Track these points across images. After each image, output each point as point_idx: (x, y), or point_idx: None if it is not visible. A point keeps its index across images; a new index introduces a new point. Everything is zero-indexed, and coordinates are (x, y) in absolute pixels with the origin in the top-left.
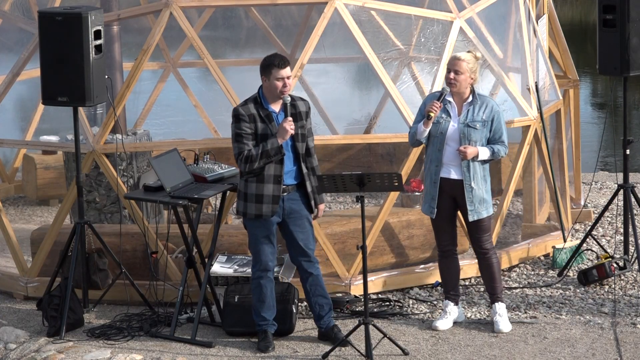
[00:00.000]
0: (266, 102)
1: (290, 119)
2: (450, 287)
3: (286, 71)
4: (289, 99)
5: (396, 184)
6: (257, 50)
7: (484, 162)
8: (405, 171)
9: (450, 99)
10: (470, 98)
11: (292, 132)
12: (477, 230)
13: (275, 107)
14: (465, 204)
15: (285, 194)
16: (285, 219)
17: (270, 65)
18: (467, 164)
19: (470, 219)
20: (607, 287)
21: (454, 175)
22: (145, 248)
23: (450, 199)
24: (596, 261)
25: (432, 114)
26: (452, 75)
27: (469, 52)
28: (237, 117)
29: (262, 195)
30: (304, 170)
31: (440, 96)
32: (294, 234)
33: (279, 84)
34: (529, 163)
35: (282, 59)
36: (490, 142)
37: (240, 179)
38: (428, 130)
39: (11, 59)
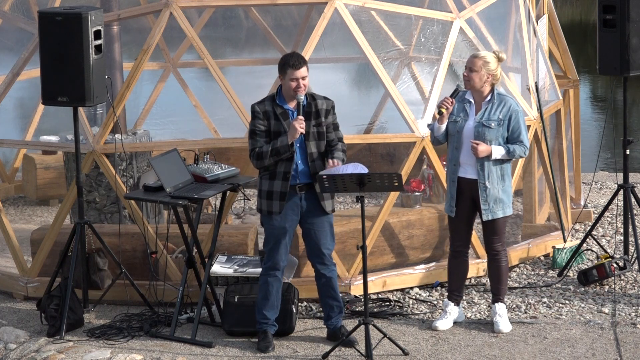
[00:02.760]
0: (282, 100)
1: (301, 118)
2: (455, 288)
3: (301, 72)
4: (302, 98)
5: (396, 184)
6: (257, 50)
7: (500, 161)
8: (405, 171)
9: (471, 98)
10: (489, 97)
11: (302, 131)
12: (490, 231)
13: (292, 104)
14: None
15: (302, 192)
16: (303, 217)
17: (286, 65)
18: (481, 163)
19: (485, 218)
20: (607, 287)
21: (470, 174)
22: (145, 248)
23: (469, 200)
24: (596, 261)
25: (442, 110)
26: (466, 72)
27: (493, 52)
28: (252, 113)
29: (272, 192)
30: (313, 170)
31: (453, 93)
32: (310, 232)
33: (293, 84)
34: (529, 163)
35: (297, 60)
36: (509, 141)
37: (258, 175)
38: (444, 127)
39: (11, 59)
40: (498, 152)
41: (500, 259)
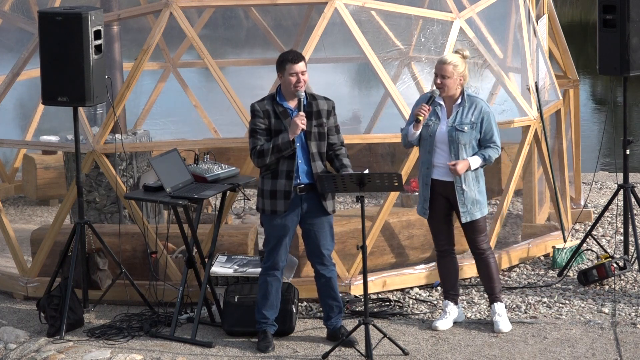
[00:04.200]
0: (282, 99)
1: (302, 114)
2: (449, 287)
3: (299, 66)
4: (303, 94)
5: (396, 184)
6: (257, 50)
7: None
8: (405, 171)
9: (441, 101)
10: (460, 100)
11: (303, 127)
12: (472, 231)
13: (292, 103)
14: (458, 205)
15: (303, 193)
16: (303, 217)
17: (284, 61)
18: None
19: (463, 220)
20: (607, 287)
21: (445, 177)
22: (145, 248)
23: (443, 199)
24: (596, 261)
25: (420, 118)
26: (438, 80)
27: (456, 52)
28: (252, 112)
29: (276, 191)
30: (315, 170)
31: (429, 99)
32: (310, 232)
33: (293, 79)
34: (529, 163)
35: (295, 55)
36: (481, 143)
37: (259, 175)
38: (418, 132)
39: (11, 59)
40: (476, 163)
41: (487, 257)
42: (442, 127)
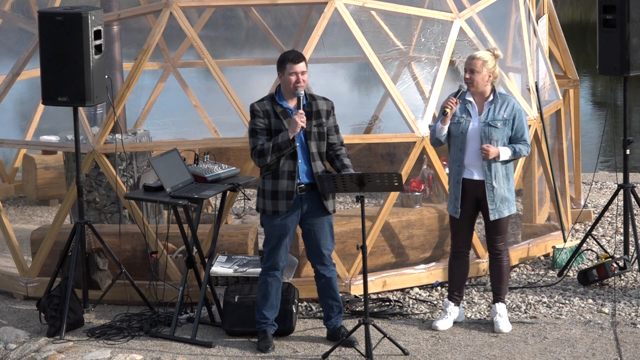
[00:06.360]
0: (282, 99)
1: (301, 112)
2: (455, 288)
3: (300, 66)
4: (302, 92)
5: (396, 184)
6: (257, 50)
7: (505, 160)
8: (405, 171)
9: (471, 98)
10: (492, 97)
11: (303, 124)
12: (494, 230)
13: (292, 103)
14: (487, 203)
15: (303, 193)
16: (303, 217)
17: (285, 60)
18: (488, 163)
19: (492, 217)
20: (607, 287)
21: (476, 176)
22: (145, 248)
23: (473, 201)
24: (596, 261)
25: (447, 110)
26: (467, 74)
27: (488, 50)
28: (252, 112)
29: (277, 192)
30: (315, 170)
31: (457, 93)
32: (310, 232)
33: (293, 78)
34: (529, 163)
35: (296, 55)
36: (512, 140)
37: (260, 175)
38: (446, 127)
39: (11, 59)
40: (505, 153)
41: (502, 258)
42: (474, 123)
